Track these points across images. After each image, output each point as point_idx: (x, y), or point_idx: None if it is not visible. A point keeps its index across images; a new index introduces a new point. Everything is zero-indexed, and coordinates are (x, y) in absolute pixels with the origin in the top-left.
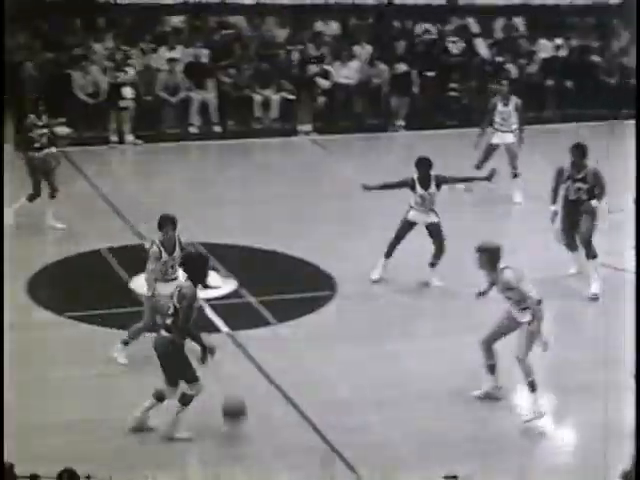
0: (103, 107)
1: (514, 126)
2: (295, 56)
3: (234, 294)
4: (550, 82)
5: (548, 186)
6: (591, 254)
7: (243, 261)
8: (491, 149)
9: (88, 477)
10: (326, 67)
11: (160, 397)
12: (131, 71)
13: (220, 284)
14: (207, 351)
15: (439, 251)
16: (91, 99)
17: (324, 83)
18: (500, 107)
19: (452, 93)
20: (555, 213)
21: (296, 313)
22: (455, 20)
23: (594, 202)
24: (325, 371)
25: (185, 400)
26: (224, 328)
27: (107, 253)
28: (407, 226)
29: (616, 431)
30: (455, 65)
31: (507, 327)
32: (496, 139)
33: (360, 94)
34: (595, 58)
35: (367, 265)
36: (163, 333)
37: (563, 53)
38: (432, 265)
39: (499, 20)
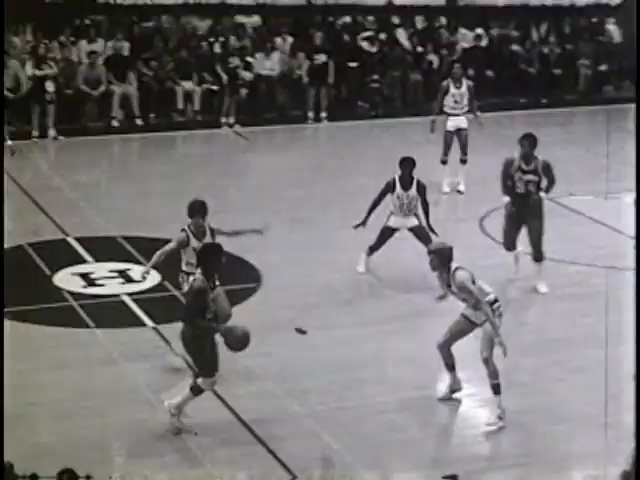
0: (24, 101)
1: (466, 108)
2: (217, 48)
3: (158, 287)
4: (471, 72)
5: (473, 174)
6: (540, 257)
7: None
8: (449, 136)
9: (88, 477)
10: (248, 59)
11: (198, 391)
12: (52, 65)
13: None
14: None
15: None
16: (11, 93)
17: (246, 75)
18: (453, 89)
19: (373, 84)
20: (510, 203)
21: None
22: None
23: (542, 194)
24: (249, 362)
25: (195, 391)
26: (149, 322)
27: (30, 248)
28: (388, 233)
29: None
30: (376, 56)
31: (462, 330)
32: (450, 126)
33: (282, 86)
34: (515, 47)
35: (291, 256)
36: (183, 325)
37: (483, 43)
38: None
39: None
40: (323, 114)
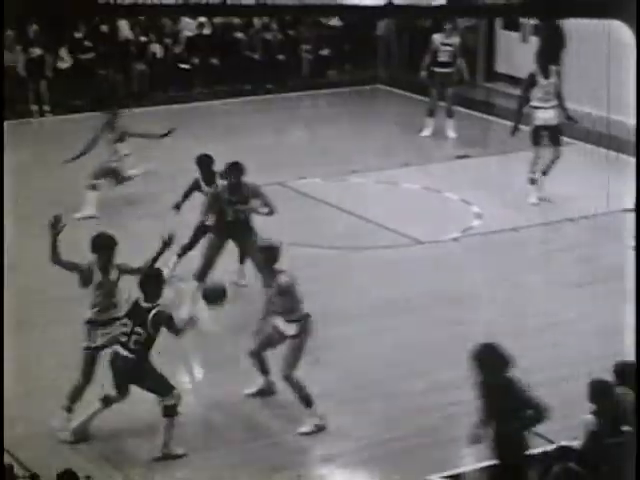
0: None
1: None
2: None
3: None
4: (196, 60)
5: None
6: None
7: None
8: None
9: (88, 477)
10: None
11: (108, 402)
12: None
13: None
14: None
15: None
16: None
17: None
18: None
19: (99, 76)
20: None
21: None
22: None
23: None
24: None
25: (170, 412)
26: None
27: None
28: (203, 229)
29: None
30: (100, 47)
31: (274, 339)
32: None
33: (7, 80)
34: (238, 34)
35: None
36: (123, 352)
37: (206, 31)
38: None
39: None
40: (46, 107)
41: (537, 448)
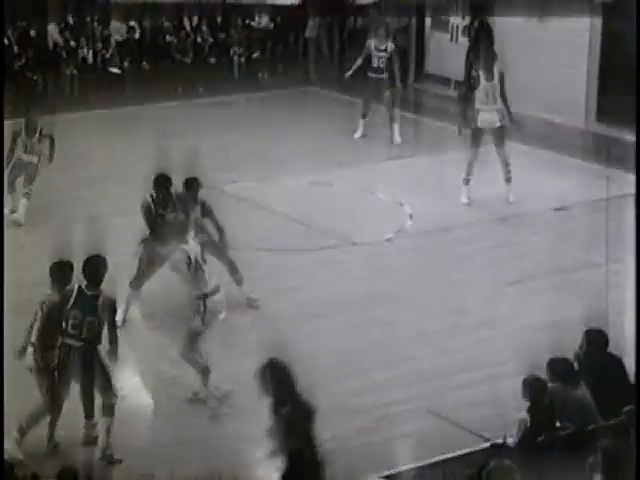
0: None
1: None
2: None
3: None
4: (127, 64)
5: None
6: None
7: None
8: None
9: (88, 477)
10: None
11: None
12: None
13: None
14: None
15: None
16: None
17: None
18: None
19: (29, 82)
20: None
21: None
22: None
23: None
24: None
25: (110, 412)
26: None
27: None
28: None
29: None
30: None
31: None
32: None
33: None
34: (169, 38)
35: None
36: (76, 343)
37: (137, 35)
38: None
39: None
40: None
41: (472, 446)
